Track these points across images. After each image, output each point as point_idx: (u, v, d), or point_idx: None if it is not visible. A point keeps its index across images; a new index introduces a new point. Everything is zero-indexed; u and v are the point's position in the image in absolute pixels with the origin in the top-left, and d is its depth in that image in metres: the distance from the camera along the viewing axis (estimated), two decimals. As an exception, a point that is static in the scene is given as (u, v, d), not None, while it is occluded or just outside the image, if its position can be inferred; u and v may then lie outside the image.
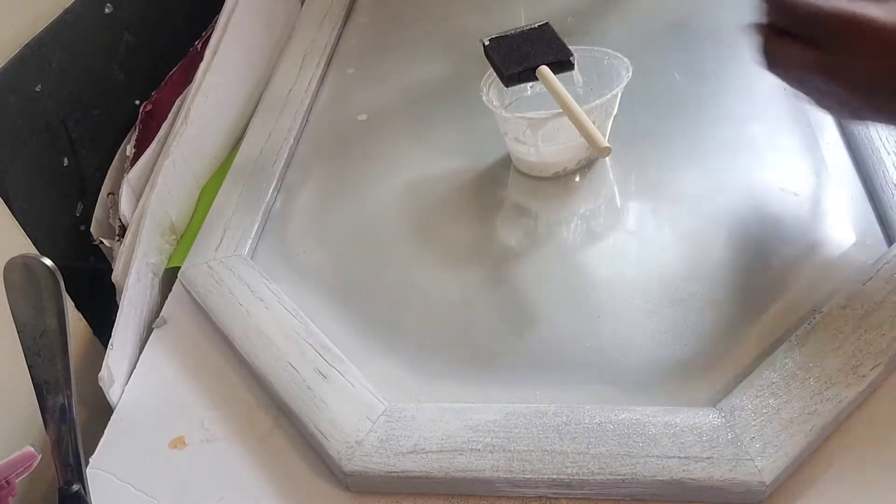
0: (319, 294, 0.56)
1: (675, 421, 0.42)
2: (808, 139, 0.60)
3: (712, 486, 0.39)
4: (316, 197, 0.64)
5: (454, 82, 0.74)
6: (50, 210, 0.56)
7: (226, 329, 0.52)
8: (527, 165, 0.61)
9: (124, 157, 0.64)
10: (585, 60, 0.62)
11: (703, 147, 0.61)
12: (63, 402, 0.40)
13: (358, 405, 0.46)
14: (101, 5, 0.63)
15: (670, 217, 0.56)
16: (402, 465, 0.42)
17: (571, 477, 0.41)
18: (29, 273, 0.39)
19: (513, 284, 0.54)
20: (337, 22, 0.84)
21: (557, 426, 0.43)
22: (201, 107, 0.67)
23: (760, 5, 0.44)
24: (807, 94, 0.44)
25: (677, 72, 0.69)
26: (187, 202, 0.66)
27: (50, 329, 0.39)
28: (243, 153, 0.68)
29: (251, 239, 0.59)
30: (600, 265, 0.54)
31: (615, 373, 0.47)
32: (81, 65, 0.60)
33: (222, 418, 0.49)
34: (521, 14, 0.81)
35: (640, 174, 0.60)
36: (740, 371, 0.45)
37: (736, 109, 0.64)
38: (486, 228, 0.59)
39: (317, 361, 0.49)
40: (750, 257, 0.52)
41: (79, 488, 0.41)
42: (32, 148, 0.54)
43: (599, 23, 0.78)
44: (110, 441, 0.49)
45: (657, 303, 0.50)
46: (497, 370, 0.49)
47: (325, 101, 0.75)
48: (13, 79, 0.52)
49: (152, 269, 0.59)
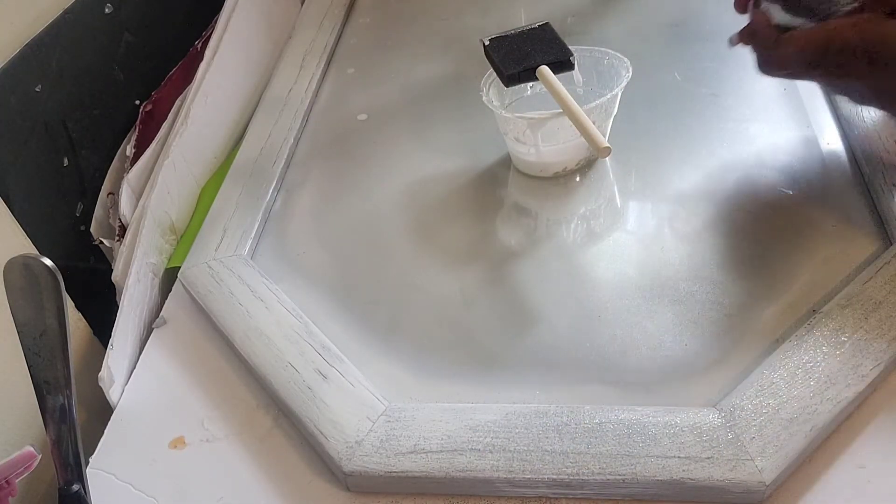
0: (319, 294, 0.56)
1: (675, 421, 0.42)
2: (808, 139, 0.60)
3: (712, 486, 0.39)
4: (316, 197, 0.64)
5: (454, 82, 0.74)
6: (50, 210, 0.56)
7: (226, 329, 0.52)
8: (527, 165, 0.61)
9: (124, 157, 0.64)
10: (585, 60, 0.62)
11: (703, 147, 0.61)
12: (63, 402, 0.40)
13: (358, 405, 0.46)
14: (101, 5, 0.63)
15: (670, 217, 0.56)
16: (402, 465, 0.42)
17: (571, 477, 0.41)
18: (29, 273, 0.39)
19: (513, 284, 0.54)
20: (337, 22, 0.84)
21: (557, 426, 0.43)
22: (201, 107, 0.67)
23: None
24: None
25: (677, 72, 0.69)
26: (187, 202, 0.66)
27: (50, 329, 0.39)
28: (243, 153, 0.68)
29: (251, 239, 0.59)
30: (600, 265, 0.54)
31: (615, 373, 0.47)
32: (81, 65, 0.60)
33: (222, 418, 0.49)
34: (521, 14, 0.81)
35: (640, 174, 0.60)
36: (740, 371, 0.45)
37: (736, 109, 0.64)
38: (486, 228, 0.59)
39: (317, 361, 0.49)
40: (750, 257, 0.52)
41: (79, 488, 0.41)
42: (32, 148, 0.54)
43: (599, 23, 0.78)
44: (110, 441, 0.49)
45: (657, 303, 0.50)
46: (497, 370, 0.49)
47: (325, 101, 0.75)
48: (13, 79, 0.52)
49: (152, 269, 0.59)
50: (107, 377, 0.51)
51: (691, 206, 0.57)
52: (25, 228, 0.53)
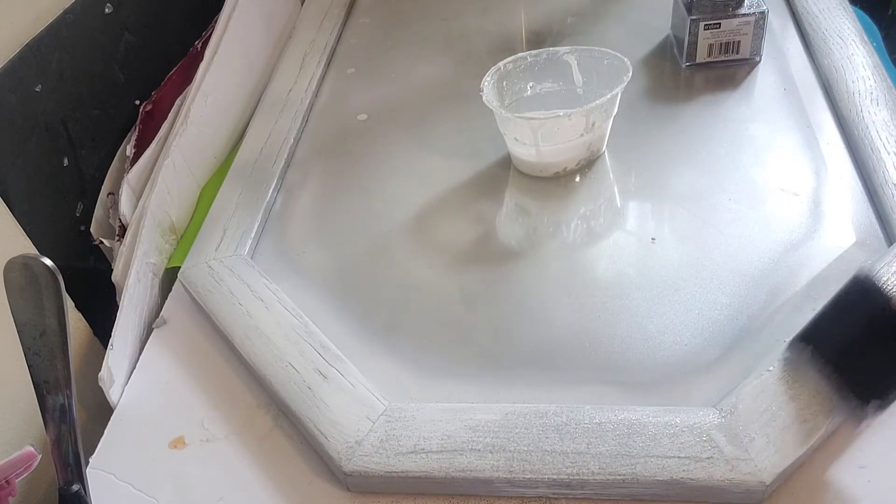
0: (319, 294, 0.56)
1: (675, 421, 0.42)
2: (808, 139, 0.60)
3: (712, 486, 0.39)
4: (316, 197, 0.64)
5: (454, 82, 0.74)
6: (50, 210, 0.56)
7: (226, 329, 0.52)
8: (527, 165, 0.61)
9: (124, 157, 0.64)
10: (585, 60, 0.62)
11: (703, 147, 0.61)
12: (63, 402, 0.40)
13: (358, 405, 0.46)
14: (101, 5, 0.63)
15: (670, 217, 0.56)
16: (402, 466, 0.42)
17: (571, 477, 0.41)
18: (29, 273, 0.39)
19: (513, 284, 0.54)
20: (337, 22, 0.84)
21: (557, 426, 0.43)
22: (201, 107, 0.67)
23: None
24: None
25: (677, 72, 0.69)
26: (187, 202, 0.66)
27: (50, 329, 0.39)
28: (243, 153, 0.68)
29: (251, 239, 0.59)
30: (600, 265, 0.54)
31: (615, 373, 0.47)
32: (81, 65, 0.60)
33: (222, 418, 0.49)
34: (521, 14, 0.81)
35: (640, 174, 0.60)
36: (740, 371, 0.45)
37: (736, 109, 0.64)
38: (486, 228, 0.59)
39: (317, 361, 0.49)
40: (750, 257, 0.52)
41: (79, 488, 0.41)
42: (32, 148, 0.54)
43: (599, 23, 0.78)
44: (110, 441, 0.49)
45: (657, 303, 0.50)
46: (497, 370, 0.49)
47: (325, 101, 0.75)
48: (13, 79, 0.52)
49: (152, 269, 0.59)
50: (107, 377, 0.51)
51: (691, 207, 0.57)
52: (25, 228, 0.53)
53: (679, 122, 0.64)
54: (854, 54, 0.65)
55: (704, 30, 0.67)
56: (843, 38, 0.67)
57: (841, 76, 0.63)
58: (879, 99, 0.60)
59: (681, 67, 0.70)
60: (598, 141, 0.60)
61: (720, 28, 0.66)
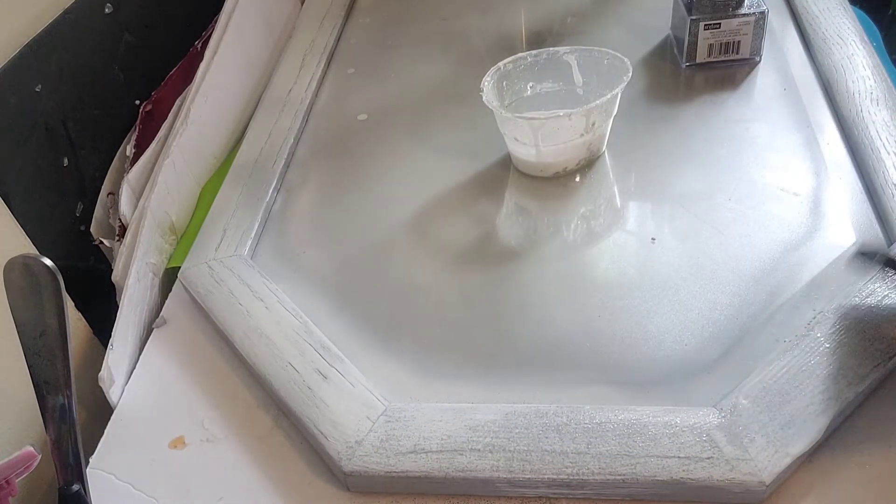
0: (319, 294, 0.56)
1: (675, 421, 0.42)
2: (808, 139, 0.60)
3: (712, 486, 0.39)
4: (316, 197, 0.64)
5: (454, 82, 0.74)
6: (50, 210, 0.56)
7: (226, 329, 0.52)
8: (527, 165, 0.61)
9: (124, 157, 0.64)
10: (585, 60, 0.62)
11: (703, 147, 0.61)
12: (63, 402, 0.40)
13: (358, 405, 0.46)
14: (101, 5, 0.63)
15: (670, 217, 0.56)
16: (402, 465, 0.42)
17: (571, 477, 0.41)
18: (29, 273, 0.39)
19: (513, 284, 0.54)
20: (337, 22, 0.84)
21: (557, 426, 0.43)
22: (201, 107, 0.67)
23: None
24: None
25: (677, 72, 0.69)
26: (187, 202, 0.66)
27: (50, 329, 0.39)
28: (243, 153, 0.68)
29: (251, 239, 0.59)
30: (600, 265, 0.54)
31: (615, 373, 0.47)
32: (81, 65, 0.60)
33: (222, 418, 0.49)
34: (521, 14, 0.81)
35: (640, 174, 0.60)
36: (740, 371, 0.45)
37: (736, 109, 0.64)
38: (486, 228, 0.59)
39: (317, 361, 0.49)
40: (750, 257, 0.52)
41: (79, 488, 0.41)
42: (32, 148, 0.54)
43: (599, 23, 0.78)
44: (110, 441, 0.49)
45: (657, 303, 0.50)
46: (497, 370, 0.49)
47: (325, 101, 0.75)
48: (13, 79, 0.52)
49: (152, 269, 0.59)
50: (107, 377, 0.51)
51: (691, 207, 0.57)
52: (25, 228, 0.53)
53: (679, 122, 0.64)
54: (854, 54, 0.65)
55: (704, 30, 0.67)
56: (843, 39, 0.67)
57: (841, 76, 0.63)
58: (879, 99, 0.60)
59: (681, 67, 0.70)
60: (598, 141, 0.60)
61: (720, 28, 0.66)
